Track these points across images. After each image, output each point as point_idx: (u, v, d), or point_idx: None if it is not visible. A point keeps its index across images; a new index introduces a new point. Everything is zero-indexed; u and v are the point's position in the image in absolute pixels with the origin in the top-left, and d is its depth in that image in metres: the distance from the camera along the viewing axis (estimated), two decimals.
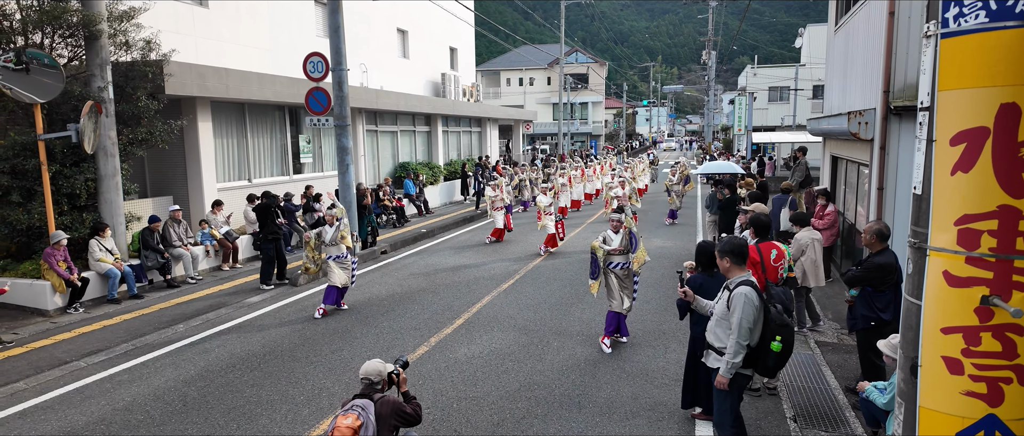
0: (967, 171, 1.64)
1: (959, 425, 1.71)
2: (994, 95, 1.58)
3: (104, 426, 5.15)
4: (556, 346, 6.94)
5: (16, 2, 8.99)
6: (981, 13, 1.58)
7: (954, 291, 1.70)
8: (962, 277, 1.68)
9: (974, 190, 1.63)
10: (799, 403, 5.53)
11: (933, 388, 1.76)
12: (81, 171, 9.40)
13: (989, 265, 1.65)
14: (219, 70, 11.85)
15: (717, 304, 4.20)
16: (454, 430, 4.97)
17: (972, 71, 1.60)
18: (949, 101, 1.65)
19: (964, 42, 1.61)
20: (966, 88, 1.62)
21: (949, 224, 1.67)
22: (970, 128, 1.62)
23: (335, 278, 8.29)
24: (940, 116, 1.68)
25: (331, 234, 8.43)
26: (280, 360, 6.60)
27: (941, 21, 1.66)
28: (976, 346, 1.68)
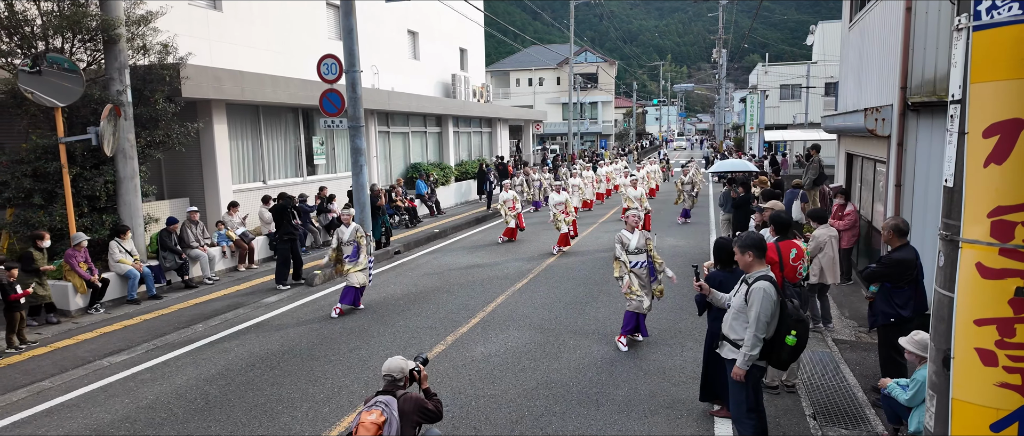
0: (1001, 163, 1.64)
1: (993, 417, 1.72)
2: None
3: (129, 424, 5.23)
4: (572, 345, 6.96)
5: (37, 7, 9.14)
6: (1015, 5, 1.59)
7: (988, 283, 1.71)
8: (996, 269, 1.69)
9: (1008, 182, 1.64)
10: (818, 401, 5.51)
11: (966, 380, 1.76)
12: (101, 173, 9.53)
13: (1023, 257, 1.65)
14: (234, 73, 11.98)
15: (734, 297, 4.21)
16: (474, 427, 5.00)
17: (1006, 63, 1.61)
18: (982, 93, 1.66)
19: (997, 34, 1.62)
20: (1000, 80, 1.63)
21: (982, 216, 1.68)
22: (1004, 120, 1.63)
23: (353, 278, 8.35)
24: (973, 109, 1.69)
25: (349, 233, 8.49)
26: (299, 359, 6.66)
27: (973, 14, 1.66)
28: (1010, 337, 1.68)
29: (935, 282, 1.98)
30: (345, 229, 8.55)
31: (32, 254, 7.95)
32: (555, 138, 54.18)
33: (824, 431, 4.97)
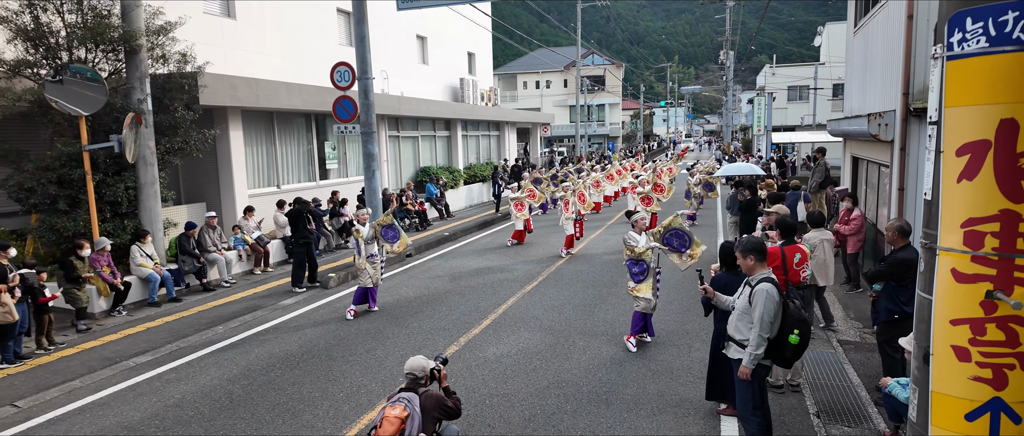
0: (972, 179, 1.83)
1: (967, 407, 1.90)
2: (995, 111, 1.77)
3: (158, 421, 5.47)
4: (582, 345, 7.15)
5: (61, 20, 9.43)
6: (982, 38, 1.78)
7: (961, 286, 1.89)
8: (968, 274, 1.87)
9: (978, 196, 1.82)
10: (822, 400, 5.67)
11: (944, 374, 1.95)
12: (122, 180, 9.81)
13: (992, 263, 1.83)
14: (250, 80, 12.26)
15: (738, 300, 4.39)
16: (489, 425, 5.21)
17: (975, 90, 1.80)
18: (955, 117, 1.85)
19: (967, 64, 1.81)
20: (970, 105, 1.81)
21: (956, 226, 1.86)
22: (974, 141, 1.81)
23: (366, 279, 8.56)
24: (947, 130, 1.88)
25: (367, 232, 8.67)
26: (317, 359, 6.89)
27: (946, 45, 1.85)
28: (982, 336, 1.86)
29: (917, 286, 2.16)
30: (362, 228, 8.71)
31: (73, 262, 8.18)
32: (562, 140, 54.32)
33: (827, 429, 5.14)
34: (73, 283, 8.16)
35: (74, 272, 8.14)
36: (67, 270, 8.13)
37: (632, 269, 6.97)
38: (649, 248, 6.84)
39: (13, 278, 7.12)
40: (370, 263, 8.62)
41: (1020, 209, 1.76)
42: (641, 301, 6.88)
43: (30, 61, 9.39)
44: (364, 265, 8.58)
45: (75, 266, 8.16)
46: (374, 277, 8.63)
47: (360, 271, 8.67)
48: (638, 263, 6.91)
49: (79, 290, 8.29)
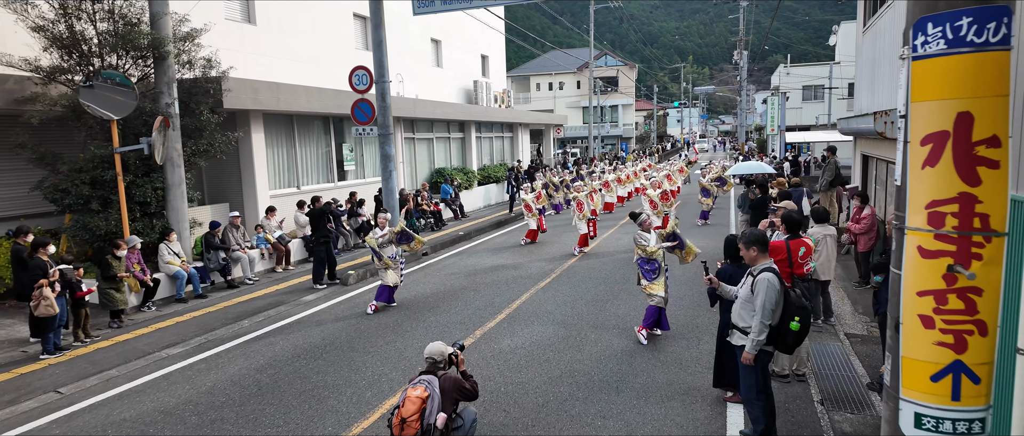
0: (934, 165, 2.04)
1: (932, 369, 2.10)
2: (953, 105, 1.98)
3: (192, 406, 5.79)
4: (593, 338, 7.38)
5: (94, 28, 9.86)
6: (941, 41, 1.99)
7: (926, 261, 2.10)
8: (932, 250, 2.08)
9: (939, 181, 2.03)
10: (826, 389, 5.86)
11: (912, 341, 2.16)
12: (151, 181, 10.22)
13: (953, 240, 2.05)
14: (271, 84, 12.65)
15: (741, 289, 4.61)
16: (504, 410, 5.46)
17: (936, 86, 2.01)
18: (919, 110, 2.07)
19: (929, 64, 2.02)
20: (932, 100, 2.02)
21: (921, 208, 2.07)
22: (935, 131, 2.03)
23: (388, 277, 8.86)
24: (913, 122, 2.09)
25: (379, 239, 8.95)
26: (340, 351, 7.19)
27: (912, 47, 2.07)
28: (944, 305, 2.08)
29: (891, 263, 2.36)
30: (378, 230, 9.02)
31: (109, 261, 8.49)
32: (576, 142, 54.49)
33: (830, 416, 5.32)
34: (109, 281, 8.49)
35: (110, 271, 8.47)
36: (104, 269, 8.46)
37: (644, 267, 7.20)
38: (659, 247, 7.08)
39: (53, 273, 7.51)
40: (392, 262, 8.89)
41: (976, 192, 1.97)
42: (656, 297, 7.11)
43: (64, 68, 9.82)
44: (388, 265, 8.85)
45: (112, 265, 8.49)
46: (394, 278, 8.89)
47: (381, 269, 8.95)
48: (650, 262, 7.14)
49: (117, 290, 8.55)
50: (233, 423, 5.39)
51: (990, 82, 1.95)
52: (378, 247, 8.87)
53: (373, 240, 8.90)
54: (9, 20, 9.92)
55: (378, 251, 8.88)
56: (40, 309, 7.33)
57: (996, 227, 1.99)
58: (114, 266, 8.51)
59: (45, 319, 7.38)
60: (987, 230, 2.00)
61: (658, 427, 5.11)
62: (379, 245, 8.87)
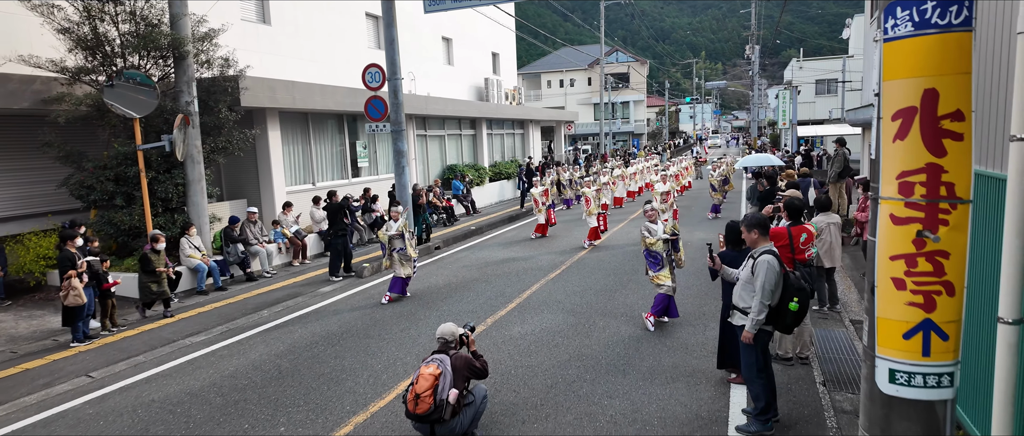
0: (903, 139, 2.20)
1: (904, 328, 2.26)
2: (920, 83, 2.14)
3: (217, 389, 6.06)
4: (602, 325, 7.56)
5: (116, 29, 10.19)
6: (908, 24, 2.15)
7: (897, 228, 2.26)
8: (903, 217, 2.24)
9: (908, 153, 2.19)
10: (829, 371, 5.99)
11: (885, 302, 2.32)
12: (172, 177, 10.55)
13: (921, 208, 2.20)
14: (287, 83, 12.94)
15: (742, 271, 4.77)
16: (514, 391, 5.67)
17: (904, 65, 2.17)
18: (890, 88, 2.22)
19: (899, 45, 2.18)
20: (901, 79, 2.18)
21: (893, 178, 2.23)
22: (904, 107, 2.18)
23: (400, 270, 9.10)
24: (885, 100, 2.25)
25: (396, 228, 9.19)
26: (356, 338, 7.44)
27: (883, 30, 2.23)
28: (914, 268, 2.23)
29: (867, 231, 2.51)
30: (393, 224, 9.25)
31: (149, 256, 8.74)
32: (587, 138, 54.54)
33: (831, 395, 5.47)
34: (150, 275, 8.72)
35: (151, 266, 8.71)
36: (144, 264, 8.68)
37: (648, 258, 7.39)
38: (659, 239, 7.27)
39: (81, 265, 7.83)
40: (400, 255, 9.09)
41: (942, 162, 2.13)
42: (664, 286, 7.29)
43: (88, 68, 10.16)
44: (396, 259, 9.08)
45: (152, 260, 8.74)
46: (407, 270, 9.09)
47: (397, 262, 9.14)
48: (653, 254, 7.33)
49: (156, 284, 8.80)
50: (256, 403, 5.65)
51: (953, 60, 2.11)
52: (387, 241, 9.09)
53: (384, 234, 9.13)
54: (35, 24, 10.29)
55: (387, 244, 9.10)
56: (69, 299, 7.65)
57: (961, 195, 2.15)
58: (153, 260, 8.76)
59: (74, 308, 7.70)
60: (953, 197, 2.16)
61: (663, 406, 5.29)
62: (389, 238, 9.10)
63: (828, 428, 4.89)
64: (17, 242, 10.44)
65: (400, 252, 9.15)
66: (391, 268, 9.27)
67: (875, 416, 2.37)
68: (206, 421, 5.33)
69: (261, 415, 5.39)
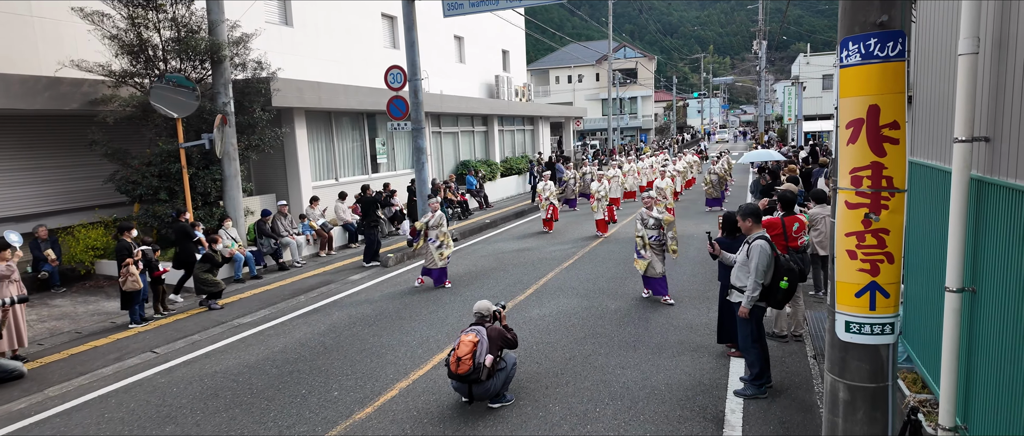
0: (854, 143, 2.83)
1: (856, 288, 2.90)
2: (866, 100, 2.77)
3: (270, 362, 6.79)
4: (613, 308, 8.25)
5: (158, 35, 10.93)
6: (857, 55, 2.78)
7: (850, 211, 2.90)
8: (854, 203, 2.87)
9: (857, 154, 2.82)
10: (819, 347, 6.63)
11: (842, 269, 2.96)
12: (210, 173, 11.30)
13: (868, 196, 2.84)
14: (314, 84, 13.66)
15: (738, 255, 5.44)
16: (537, 363, 6.36)
17: (854, 86, 2.79)
18: (844, 104, 2.86)
19: (850, 71, 2.80)
20: (852, 96, 2.81)
21: (846, 173, 2.86)
22: (854, 118, 2.81)
23: (435, 259, 9.61)
24: (840, 113, 2.88)
25: (435, 219, 9.75)
26: (390, 319, 8.16)
27: (840, 59, 2.87)
28: (863, 242, 2.87)
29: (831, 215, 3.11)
30: (432, 215, 9.76)
31: (213, 255, 9.41)
32: (595, 134, 55.06)
33: (820, 366, 6.12)
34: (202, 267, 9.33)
35: (216, 262, 9.41)
36: (209, 262, 9.34)
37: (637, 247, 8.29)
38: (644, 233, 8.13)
39: (137, 254, 8.59)
40: (432, 245, 9.64)
41: (883, 161, 2.76)
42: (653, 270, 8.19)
43: (132, 71, 10.92)
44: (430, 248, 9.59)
45: (215, 258, 9.42)
46: (435, 259, 9.62)
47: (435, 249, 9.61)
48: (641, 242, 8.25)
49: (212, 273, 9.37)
50: (308, 373, 6.38)
51: (891, 83, 2.73)
52: (424, 229, 9.66)
53: (421, 223, 9.75)
54: (81, 31, 11.06)
55: (423, 232, 9.66)
56: (127, 284, 8.40)
57: (898, 185, 2.79)
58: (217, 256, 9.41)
59: (131, 293, 8.46)
60: (891, 188, 2.79)
61: (669, 376, 5.97)
62: (426, 226, 9.67)
63: (816, 393, 5.56)
64: (68, 234, 11.22)
65: (432, 242, 9.68)
66: (422, 252, 9.70)
67: (835, 358, 3.03)
68: (266, 388, 6.06)
69: (315, 382, 6.11)
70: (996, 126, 3.61)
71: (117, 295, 9.95)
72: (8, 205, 10.91)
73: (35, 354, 7.38)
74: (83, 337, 8.10)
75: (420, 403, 5.52)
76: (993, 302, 3.63)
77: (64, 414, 5.73)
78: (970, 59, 3.58)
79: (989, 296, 3.68)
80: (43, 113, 10.81)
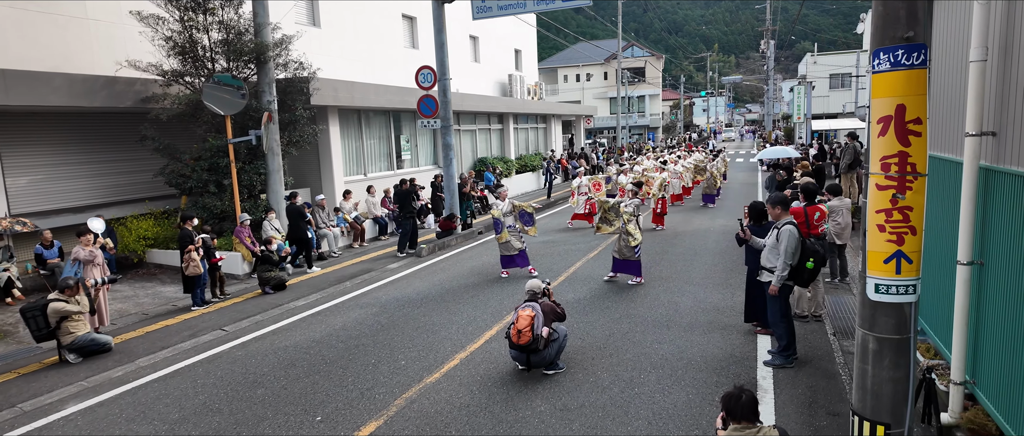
0: (884, 135, 3.41)
1: (884, 256, 3.48)
2: (894, 100, 3.35)
3: (334, 337, 7.42)
4: (642, 293, 8.85)
5: (207, 38, 11.57)
6: (887, 63, 3.36)
7: (880, 192, 3.49)
8: (883, 185, 3.46)
9: (886, 144, 3.41)
10: (838, 326, 7.24)
11: (872, 240, 3.55)
12: (255, 167, 11.94)
13: (895, 179, 3.42)
14: (347, 83, 14.30)
15: (768, 239, 6.04)
16: (579, 339, 6.97)
17: (884, 89, 3.38)
18: (875, 103, 3.45)
19: (881, 76, 3.39)
20: (882, 97, 3.40)
21: (878, 160, 3.45)
22: (884, 115, 3.40)
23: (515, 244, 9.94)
24: (872, 110, 3.47)
25: (504, 207, 10.04)
26: (434, 302, 8.79)
27: (872, 66, 3.47)
28: (890, 218, 3.46)
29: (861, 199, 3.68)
30: (501, 204, 10.11)
31: (270, 254, 10.12)
32: (603, 132, 55.61)
33: (840, 342, 6.72)
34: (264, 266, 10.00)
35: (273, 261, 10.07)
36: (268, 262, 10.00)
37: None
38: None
39: (197, 241, 9.23)
40: (511, 233, 10.01)
41: (908, 151, 3.34)
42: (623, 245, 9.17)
43: (182, 71, 11.56)
44: (507, 238, 9.95)
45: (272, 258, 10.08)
46: (515, 246, 10.00)
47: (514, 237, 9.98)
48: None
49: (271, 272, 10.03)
50: (371, 347, 7.00)
51: (915, 86, 3.32)
52: (502, 217, 9.93)
53: (497, 211, 10.03)
54: (132, 33, 11.72)
55: (500, 220, 9.93)
56: (189, 269, 9.05)
57: (921, 171, 3.37)
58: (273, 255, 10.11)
59: (193, 277, 9.11)
60: (915, 173, 3.38)
61: (703, 349, 6.57)
62: (503, 215, 9.93)
63: (837, 364, 6.15)
64: (120, 224, 11.88)
65: (511, 229, 9.99)
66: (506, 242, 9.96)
67: (866, 315, 3.61)
68: (338, 358, 6.69)
69: (380, 354, 6.74)
70: (1002, 122, 4.21)
71: (171, 281, 10.69)
72: (65, 197, 11.58)
73: (112, 332, 8.02)
74: (150, 318, 8.75)
75: (481, 371, 6.14)
76: (998, 274, 4.23)
77: (160, 380, 6.38)
78: (980, 65, 4.19)
79: (995, 269, 4.28)
80: (99, 110, 11.47)
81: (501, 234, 10.07)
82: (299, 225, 11.45)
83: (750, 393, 3.39)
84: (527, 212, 10.16)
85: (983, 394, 4.47)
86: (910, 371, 3.59)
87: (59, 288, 7.21)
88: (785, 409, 5.16)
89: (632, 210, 9.21)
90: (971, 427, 4.30)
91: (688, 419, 5.04)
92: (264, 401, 5.68)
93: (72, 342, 6.99)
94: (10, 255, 10.07)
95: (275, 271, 10.05)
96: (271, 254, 10.08)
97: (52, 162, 11.42)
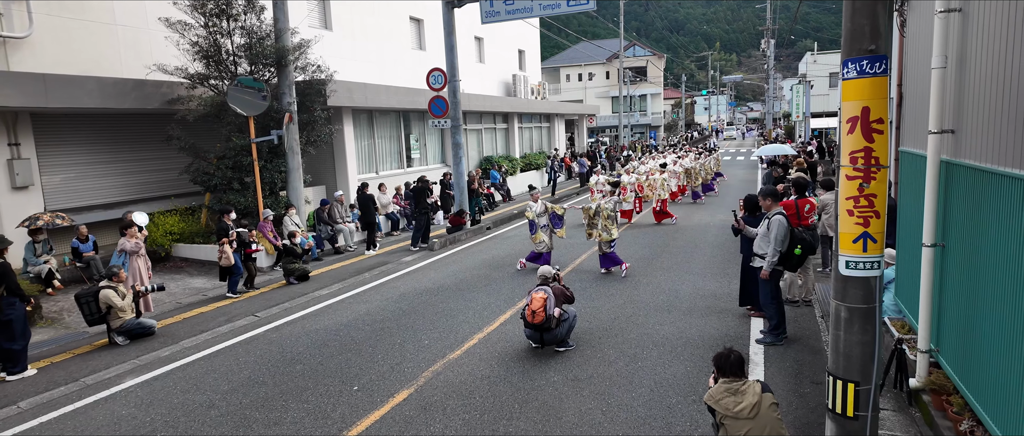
0: (851, 133, 4.01)
1: (853, 236, 4.08)
2: (860, 103, 3.95)
3: (360, 321, 8.03)
4: (644, 281, 9.44)
5: (230, 42, 12.17)
6: (854, 71, 3.95)
7: (849, 182, 4.09)
8: (851, 176, 4.06)
9: (855, 141, 4.01)
10: (827, 310, 7.82)
11: (843, 223, 4.15)
12: (276, 166, 12.55)
13: (861, 171, 4.03)
14: (362, 85, 14.90)
15: (760, 228, 6.63)
16: (587, 321, 7.56)
17: (852, 94, 3.98)
18: (845, 106, 4.04)
19: (849, 83, 3.99)
20: (850, 100, 4.00)
21: (847, 154, 4.06)
22: (851, 116, 3.99)
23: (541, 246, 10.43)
24: (842, 112, 4.08)
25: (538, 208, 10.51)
26: (450, 291, 9.39)
27: (842, 74, 4.06)
28: (858, 204, 4.05)
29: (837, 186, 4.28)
30: (535, 205, 10.53)
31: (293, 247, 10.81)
32: (605, 131, 56.17)
33: (827, 324, 7.30)
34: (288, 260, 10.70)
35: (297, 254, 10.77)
36: (292, 255, 10.70)
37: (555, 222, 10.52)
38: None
39: (232, 234, 9.84)
40: (544, 232, 10.43)
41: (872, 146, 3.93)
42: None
43: (206, 74, 12.17)
44: (541, 237, 10.38)
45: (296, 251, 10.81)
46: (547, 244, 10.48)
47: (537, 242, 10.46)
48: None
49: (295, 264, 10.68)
50: (396, 330, 7.61)
51: (878, 91, 3.90)
52: (535, 217, 10.40)
53: (531, 213, 10.44)
54: (158, 37, 12.33)
55: (535, 221, 10.40)
56: (222, 260, 9.66)
57: (883, 163, 3.97)
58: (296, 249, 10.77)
59: (227, 268, 9.71)
60: (878, 165, 3.97)
61: (701, 330, 7.17)
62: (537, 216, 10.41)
63: (823, 342, 6.74)
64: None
65: (544, 228, 10.41)
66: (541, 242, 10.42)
67: (838, 288, 4.21)
68: (366, 339, 7.29)
69: (405, 335, 7.35)
70: (959, 121, 4.80)
71: (198, 273, 11.33)
72: (96, 194, 12.20)
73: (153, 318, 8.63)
74: (185, 306, 9.36)
75: (498, 348, 6.74)
76: (956, 254, 4.82)
77: (206, 358, 6.99)
78: (940, 71, 4.79)
79: (954, 250, 4.88)
80: (128, 111, 12.08)
81: (536, 234, 10.44)
82: (369, 209, 12.94)
83: (738, 353, 3.99)
84: (557, 214, 10.54)
85: (944, 360, 5.06)
86: (875, 336, 4.18)
87: (107, 275, 7.83)
88: (773, 379, 5.76)
89: (612, 207, 9.96)
90: (933, 388, 4.89)
91: (686, 387, 5.64)
92: (304, 374, 6.29)
93: (120, 325, 7.61)
94: (49, 248, 10.69)
95: (298, 263, 10.67)
96: (295, 247, 10.70)
97: (83, 161, 12.03)
